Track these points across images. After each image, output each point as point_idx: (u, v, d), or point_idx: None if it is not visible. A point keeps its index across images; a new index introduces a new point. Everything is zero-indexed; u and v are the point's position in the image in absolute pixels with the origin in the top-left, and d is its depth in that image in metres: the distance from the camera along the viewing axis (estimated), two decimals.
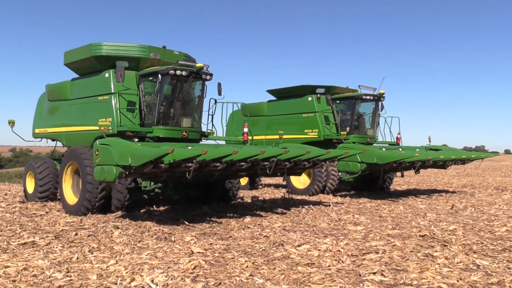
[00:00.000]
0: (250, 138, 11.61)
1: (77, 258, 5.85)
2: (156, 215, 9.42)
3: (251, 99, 49.25)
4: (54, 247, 6.44)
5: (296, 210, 10.39)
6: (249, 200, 12.36)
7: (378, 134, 15.43)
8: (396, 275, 5.15)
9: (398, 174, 15.14)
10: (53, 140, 12.46)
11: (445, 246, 6.61)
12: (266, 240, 7.08)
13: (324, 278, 4.97)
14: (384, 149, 13.76)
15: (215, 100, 10.87)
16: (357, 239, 7.11)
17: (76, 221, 8.67)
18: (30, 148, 73.70)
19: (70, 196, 9.96)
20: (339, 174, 14.16)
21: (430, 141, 16.15)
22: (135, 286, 4.71)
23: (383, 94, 14.81)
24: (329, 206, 11.12)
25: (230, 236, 7.43)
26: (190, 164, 7.64)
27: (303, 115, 15.13)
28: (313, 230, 7.97)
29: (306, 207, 10.75)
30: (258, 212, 10.00)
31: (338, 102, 15.19)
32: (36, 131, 12.55)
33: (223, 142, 11.57)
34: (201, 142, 10.91)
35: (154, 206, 10.59)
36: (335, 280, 4.89)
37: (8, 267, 5.35)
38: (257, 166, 9.01)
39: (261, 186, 17.52)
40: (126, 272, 5.13)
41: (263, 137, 15.20)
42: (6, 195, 13.97)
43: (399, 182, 20.07)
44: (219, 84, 10.91)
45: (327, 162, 11.44)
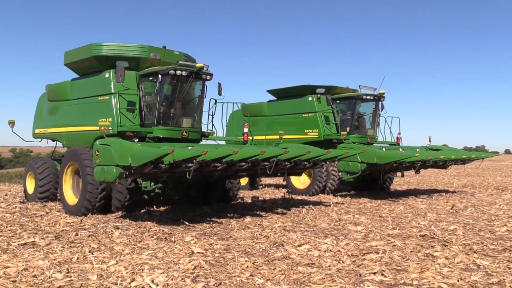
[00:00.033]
0: (250, 138, 11.61)
1: (77, 258, 5.85)
2: (156, 215, 9.41)
3: (251, 99, 49.17)
4: (54, 248, 6.44)
5: (296, 210, 10.39)
6: (249, 200, 12.36)
7: (378, 134, 15.42)
8: (396, 275, 5.15)
9: (399, 174, 15.14)
10: (53, 140, 12.47)
11: (445, 246, 6.60)
12: (267, 240, 7.08)
13: (324, 278, 4.97)
14: (384, 149, 13.76)
15: (215, 100, 10.88)
16: (357, 239, 7.11)
17: (76, 221, 8.67)
18: (30, 149, 73.78)
19: (70, 197, 9.96)
20: (339, 174, 14.16)
21: (430, 141, 16.16)
22: (135, 286, 4.71)
23: (383, 94, 14.81)
24: (329, 206, 11.11)
25: (231, 236, 7.43)
26: (190, 164, 7.64)
27: (303, 115, 15.13)
28: (313, 230, 7.97)
29: (306, 207, 10.74)
30: (258, 212, 9.99)
31: (338, 102, 15.19)
32: (36, 131, 12.56)
33: (223, 142, 11.57)
34: (201, 142, 10.91)
35: (154, 207, 10.59)
36: (335, 280, 4.89)
37: (8, 267, 5.35)
38: (257, 166, 9.00)
39: (261, 186, 17.51)
40: (127, 273, 5.13)
41: (263, 137, 15.21)
42: (6, 195, 13.97)
43: (399, 182, 20.07)
44: (219, 84, 10.91)
45: (327, 162, 11.44)
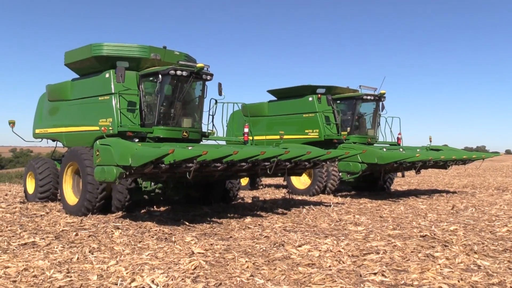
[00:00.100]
0: (250, 138, 11.61)
1: (77, 258, 5.84)
2: (156, 215, 9.41)
3: (252, 99, 49.25)
4: (54, 248, 6.44)
5: (296, 210, 10.38)
6: (249, 201, 12.35)
7: (378, 134, 15.42)
8: (397, 275, 5.14)
9: (399, 174, 15.15)
10: (53, 140, 12.47)
11: (446, 246, 6.60)
12: (267, 240, 7.07)
13: (324, 279, 4.96)
14: (384, 149, 13.74)
15: (216, 100, 10.88)
16: (357, 240, 7.10)
17: (76, 221, 8.67)
18: (30, 149, 73.82)
19: (71, 197, 9.95)
20: (340, 174, 14.15)
21: (431, 141, 16.15)
22: (136, 287, 4.71)
23: (384, 94, 14.80)
24: (329, 206, 11.11)
25: (231, 237, 7.42)
26: (190, 165, 7.64)
27: (304, 115, 15.13)
28: (313, 231, 7.97)
29: (306, 207, 10.73)
30: (258, 213, 9.99)
31: (338, 102, 15.18)
32: (37, 131, 12.56)
33: (224, 143, 11.57)
34: (201, 143, 10.91)
35: (155, 207, 10.59)
36: (335, 281, 4.88)
37: (8, 267, 5.35)
38: (257, 166, 9.00)
39: (261, 187, 17.51)
40: (127, 273, 5.13)
41: (263, 137, 15.20)
42: (6, 195, 13.97)
43: (399, 183, 20.06)
44: (219, 84, 10.91)
45: (327, 163, 11.43)
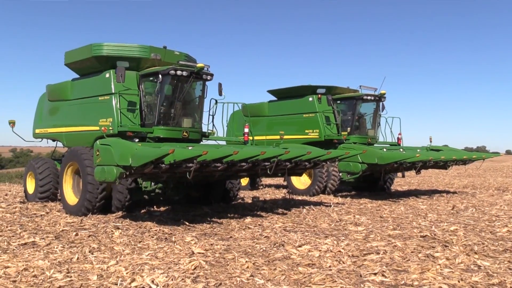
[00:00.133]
0: (250, 138, 11.61)
1: (77, 258, 5.84)
2: (156, 215, 9.41)
3: (252, 99, 49.28)
4: (54, 248, 6.43)
5: (296, 210, 10.38)
6: (249, 201, 12.35)
7: (379, 135, 15.41)
8: (397, 275, 5.13)
9: (399, 174, 15.13)
10: (53, 140, 12.47)
11: (446, 246, 6.59)
12: (267, 240, 7.07)
13: (325, 279, 4.96)
14: (385, 149, 13.74)
15: (216, 100, 10.87)
16: (358, 240, 7.10)
17: (76, 221, 8.67)
18: (30, 149, 73.81)
19: (71, 197, 9.95)
20: (340, 174, 14.14)
21: (431, 141, 16.14)
22: (136, 287, 4.71)
23: (384, 94, 14.80)
24: (330, 206, 11.10)
25: (231, 237, 7.42)
26: (190, 165, 7.63)
27: (304, 116, 15.12)
28: (313, 231, 7.97)
29: (307, 207, 10.73)
30: (258, 213, 9.99)
31: (339, 102, 15.18)
32: (37, 131, 12.55)
33: (224, 143, 11.57)
34: (201, 143, 10.91)
35: (155, 207, 10.59)
36: (335, 281, 4.88)
37: (8, 267, 5.35)
38: (257, 166, 8.99)
39: (261, 187, 17.50)
40: (127, 273, 5.13)
41: (263, 137, 15.20)
42: (6, 195, 13.97)
43: (400, 183, 20.05)
44: (219, 84, 10.91)
45: (328, 163, 11.42)
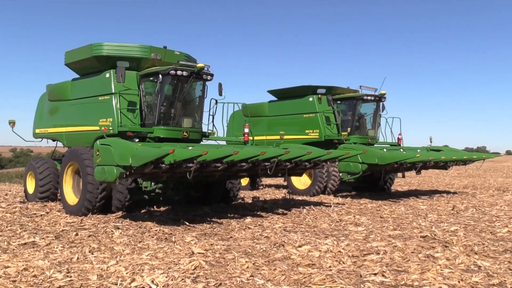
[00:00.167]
0: (251, 138, 11.61)
1: (77, 258, 5.84)
2: (156, 215, 9.41)
3: (252, 100, 49.24)
4: (54, 248, 6.43)
5: (297, 210, 10.37)
6: (249, 201, 12.35)
7: (379, 135, 15.41)
8: (397, 276, 5.13)
9: (399, 175, 15.11)
10: (53, 140, 12.46)
11: (446, 247, 6.59)
12: (267, 240, 7.07)
13: (325, 279, 4.95)
14: (385, 149, 13.73)
15: (216, 101, 10.88)
16: (358, 240, 7.10)
17: (76, 221, 8.67)
18: (30, 148, 73.80)
19: (71, 196, 9.95)
20: (340, 174, 14.14)
21: (431, 141, 16.14)
22: (136, 287, 4.70)
23: (384, 94, 14.79)
24: (330, 206, 11.10)
25: (231, 237, 7.41)
26: (190, 165, 7.63)
27: (304, 116, 15.12)
28: (314, 231, 7.96)
29: (307, 207, 10.73)
30: (259, 213, 9.98)
31: (339, 102, 15.18)
32: (37, 131, 12.55)
33: (224, 143, 11.57)
34: (201, 143, 10.91)
35: (155, 207, 10.59)
36: (336, 281, 4.88)
37: (8, 267, 5.34)
38: (258, 166, 8.99)
39: (262, 187, 17.50)
40: (127, 273, 5.12)
41: (264, 137, 15.20)
42: (6, 195, 13.97)
43: (400, 183, 20.05)
44: (220, 85, 10.90)
45: (328, 163, 11.42)
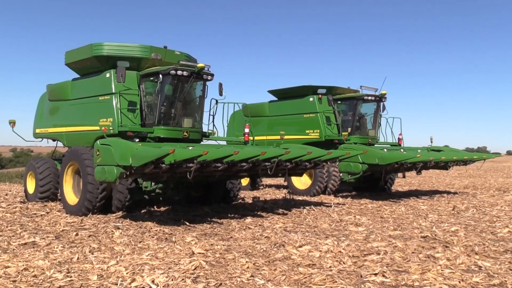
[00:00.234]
0: (251, 138, 11.60)
1: (77, 258, 5.83)
2: (157, 215, 9.40)
3: (252, 100, 49.24)
4: (54, 248, 6.43)
5: (297, 210, 10.37)
6: (250, 201, 12.34)
7: (379, 135, 15.40)
8: (397, 276, 5.12)
9: (400, 175, 15.11)
10: (53, 140, 12.46)
11: (446, 247, 6.58)
12: (267, 240, 7.06)
13: (325, 279, 4.95)
14: (385, 150, 13.73)
15: (216, 101, 10.87)
16: (358, 240, 7.09)
17: (76, 221, 8.66)
18: (31, 148, 73.87)
19: (71, 196, 9.95)
20: (341, 174, 14.13)
21: (431, 142, 16.11)
22: (136, 287, 4.70)
23: (385, 94, 14.78)
24: (330, 207, 11.09)
25: (231, 237, 7.41)
26: (191, 165, 7.62)
27: (305, 116, 15.11)
28: (314, 231, 7.96)
29: (307, 207, 10.72)
30: (259, 213, 9.98)
31: (339, 102, 15.17)
32: (37, 131, 12.55)
33: (224, 143, 11.56)
34: (202, 143, 10.90)
35: (155, 207, 10.59)
36: (336, 281, 4.87)
37: (8, 267, 5.34)
38: (258, 166, 8.99)
39: (262, 187, 17.50)
40: (127, 273, 5.12)
41: (264, 137, 15.20)
42: (6, 195, 13.97)
43: (400, 183, 20.04)
44: (220, 85, 10.90)
45: (328, 163, 11.42)
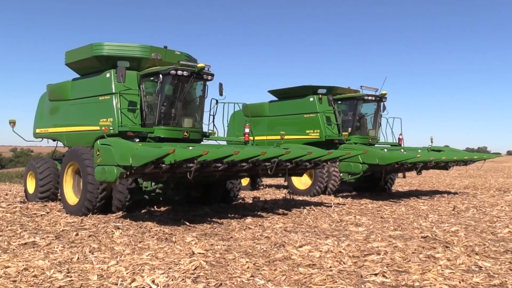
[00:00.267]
0: (251, 138, 11.60)
1: (77, 258, 5.83)
2: (157, 215, 9.40)
3: (253, 100, 49.29)
4: (54, 248, 6.43)
5: (297, 211, 10.37)
6: (250, 201, 12.34)
7: (379, 135, 15.40)
8: (397, 276, 5.12)
9: (400, 175, 15.11)
10: (54, 140, 12.46)
11: (447, 247, 6.58)
12: (267, 241, 7.06)
13: (325, 279, 4.94)
14: (386, 150, 13.72)
15: (217, 100, 10.87)
16: (358, 240, 7.09)
17: (76, 221, 8.66)
18: (31, 148, 73.87)
19: (71, 196, 9.95)
20: (341, 174, 14.13)
21: (432, 142, 16.10)
22: (136, 287, 4.70)
23: (385, 94, 14.77)
24: (330, 207, 11.09)
25: (231, 237, 7.41)
26: (191, 165, 7.62)
27: (305, 116, 15.11)
28: (314, 231, 7.95)
29: (307, 208, 10.72)
30: (259, 213, 9.98)
31: (339, 102, 15.17)
32: (37, 131, 12.55)
33: (224, 143, 11.56)
34: (202, 143, 10.90)
35: (155, 207, 10.59)
36: (336, 282, 4.87)
37: (8, 267, 5.34)
38: (258, 166, 8.98)
39: (262, 187, 17.49)
40: (127, 273, 5.12)
41: (264, 137, 15.20)
42: (6, 195, 13.97)
43: (400, 183, 20.03)
44: (220, 84, 10.89)
45: (328, 163, 11.41)
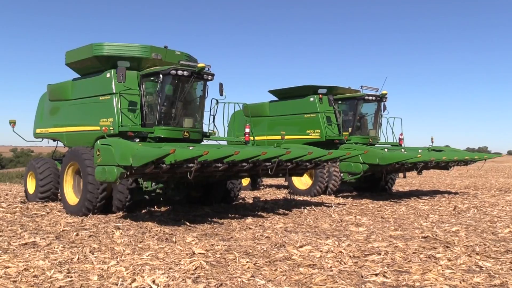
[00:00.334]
0: (251, 138, 11.59)
1: (78, 258, 5.83)
2: (157, 215, 9.40)
3: (253, 100, 49.29)
4: (55, 248, 6.42)
5: (297, 211, 10.36)
6: (250, 201, 12.34)
7: (380, 135, 15.39)
8: (398, 276, 5.11)
9: (401, 175, 15.10)
10: (54, 140, 12.46)
11: (447, 247, 6.57)
12: (268, 241, 7.05)
13: (326, 280, 4.94)
14: (386, 150, 13.72)
15: (217, 100, 10.87)
16: (359, 240, 7.08)
17: (77, 221, 8.66)
18: (31, 148, 73.85)
19: (71, 197, 9.95)
20: (341, 175, 14.12)
21: (432, 142, 16.09)
22: (136, 287, 4.69)
23: (386, 94, 14.77)
24: (331, 207, 11.08)
25: (232, 237, 7.40)
26: (191, 165, 7.62)
27: (305, 116, 15.11)
28: (315, 231, 7.94)
29: (308, 208, 10.72)
30: (259, 213, 9.97)
31: (340, 102, 15.16)
32: (37, 131, 12.55)
33: (225, 143, 11.56)
34: (202, 143, 10.90)
35: (155, 207, 10.58)
36: (337, 282, 4.86)
37: (8, 267, 5.34)
38: (258, 166, 8.98)
39: (262, 187, 17.49)
40: (127, 273, 5.11)
41: (265, 137, 15.19)
42: (7, 195, 13.97)
43: (401, 183, 20.02)
44: (220, 84, 10.89)
45: (329, 163, 11.41)
